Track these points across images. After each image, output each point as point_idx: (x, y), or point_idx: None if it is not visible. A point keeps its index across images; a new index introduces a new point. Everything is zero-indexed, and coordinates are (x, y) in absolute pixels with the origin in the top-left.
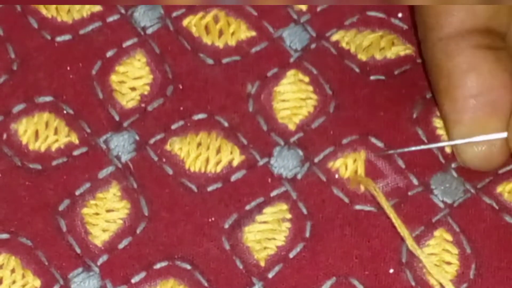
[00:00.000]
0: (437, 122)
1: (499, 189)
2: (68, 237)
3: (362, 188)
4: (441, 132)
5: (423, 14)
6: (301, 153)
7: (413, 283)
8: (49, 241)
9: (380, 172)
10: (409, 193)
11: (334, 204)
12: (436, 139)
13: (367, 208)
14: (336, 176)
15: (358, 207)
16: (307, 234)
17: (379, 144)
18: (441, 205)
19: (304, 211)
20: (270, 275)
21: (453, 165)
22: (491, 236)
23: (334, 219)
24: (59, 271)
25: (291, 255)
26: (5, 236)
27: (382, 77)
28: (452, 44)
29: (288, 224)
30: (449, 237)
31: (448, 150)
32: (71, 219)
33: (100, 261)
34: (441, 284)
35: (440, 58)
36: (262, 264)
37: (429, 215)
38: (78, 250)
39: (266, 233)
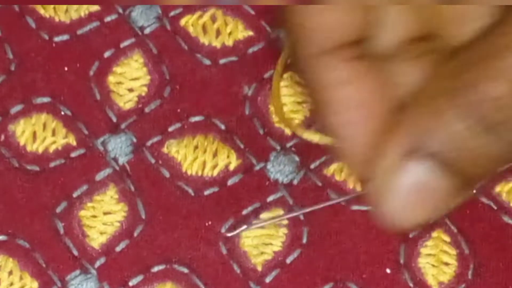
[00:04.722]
0: None
1: (497, 189)
2: (65, 239)
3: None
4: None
5: (295, 31)
6: (297, 158)
7: (411, 284)
8: (46, 243)
9: None
10: None
11: (330, 208)
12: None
13: (364, 208)
14: (333, 180)
15: (355, 207)
16: (304, 240)
17: None
18: None
19: (301, 216)
20: (267, 280)
21: None
22: (489, 237)
23: (331, 224)
24: (57, 273)
25: (288, 261)
26: (2, 238)
27: None
28: (325, 59)
29: (285, 230)
30: (447, 238)
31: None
32: (69, 221)
33: (98, 263)
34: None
35: (318, 74)
36: (259, 268)
37: None
38: (76, 253)
39: (263, 238)
